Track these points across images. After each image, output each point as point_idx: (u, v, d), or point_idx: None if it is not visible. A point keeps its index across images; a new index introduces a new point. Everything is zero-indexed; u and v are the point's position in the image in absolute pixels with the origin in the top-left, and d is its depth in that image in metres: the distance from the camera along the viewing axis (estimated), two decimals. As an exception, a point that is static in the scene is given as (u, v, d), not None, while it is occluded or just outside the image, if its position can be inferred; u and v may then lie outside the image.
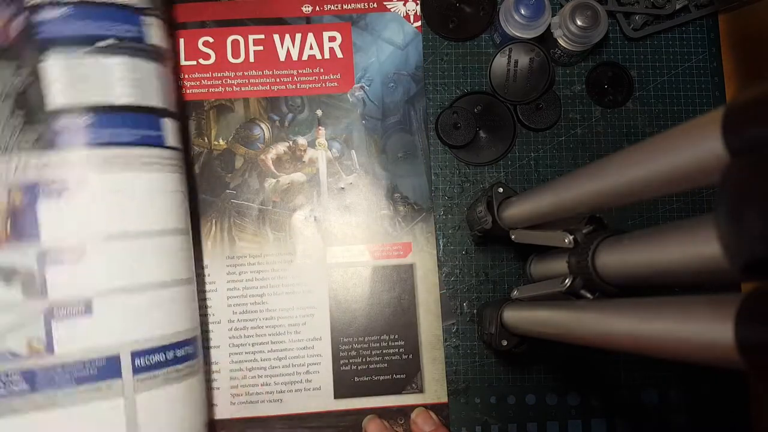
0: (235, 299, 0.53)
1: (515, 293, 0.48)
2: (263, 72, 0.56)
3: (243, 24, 0.56)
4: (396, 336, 0.53)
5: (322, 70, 0.56)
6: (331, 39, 0.56)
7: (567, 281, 0.38)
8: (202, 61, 0.55)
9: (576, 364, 0.54)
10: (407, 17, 0.56)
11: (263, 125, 0.55)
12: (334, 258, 0.54)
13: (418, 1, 0.57)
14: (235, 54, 0.56)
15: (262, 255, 0.53)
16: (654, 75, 0.57)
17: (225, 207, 0.54)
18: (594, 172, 0.33)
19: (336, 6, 0.57)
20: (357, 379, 0.52)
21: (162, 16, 0.45)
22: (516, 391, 0.53)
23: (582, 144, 0.56)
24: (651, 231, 0.30)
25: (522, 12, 0.52)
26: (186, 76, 0.55)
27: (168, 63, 0.46)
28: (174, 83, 0.47)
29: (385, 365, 0.53)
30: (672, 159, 0.26)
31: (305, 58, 0.56)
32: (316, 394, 0.52)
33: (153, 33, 0.44)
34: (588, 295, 0.38)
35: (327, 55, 0.56)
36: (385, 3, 0.56)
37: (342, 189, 0.55)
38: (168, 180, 0.44)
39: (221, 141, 0.55)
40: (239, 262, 0.53)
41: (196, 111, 0.55)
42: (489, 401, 0.53)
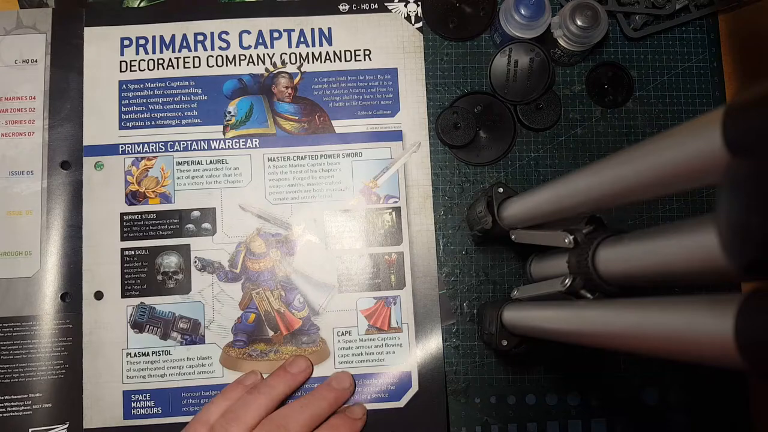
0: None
1: (515, 293, 0.48)
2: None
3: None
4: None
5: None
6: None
7: (567, 281, 0.38)
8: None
9: (576, 364, 0.54)
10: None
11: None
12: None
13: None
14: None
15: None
16: (654, 75, 0.57)
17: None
18: (594, 172, 0.33)
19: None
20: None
21: None
22: (516, 391, 0.53)
23: (582, 144, 0.56)
24: (651, 231, 0.30)
25: (522, 12, 0.52)
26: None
27: None
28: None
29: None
30: (672, 159, 0.26)
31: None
32: None
33: None
34: (588, 295, 0.38)
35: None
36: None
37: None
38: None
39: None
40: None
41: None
42: (489, 401, 0.53)
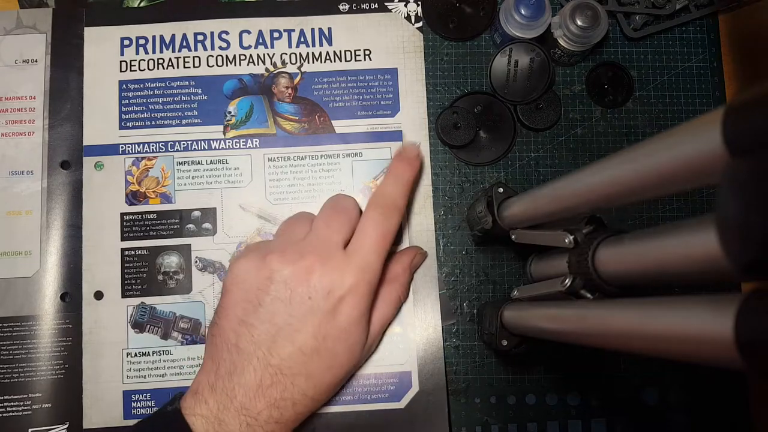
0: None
1: (515, 293, 0.48)
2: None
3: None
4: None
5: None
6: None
7: (567, 281, 0.38)
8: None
9: (576, 364, 0.54)
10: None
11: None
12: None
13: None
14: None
15: None
16: (654, 75, 0.57)
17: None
18: (594, 172, 0.33)
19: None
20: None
21: None
22: (516, 391, 0.53)
23: (582, 144, 0.56)
24: (651, 231, 0.30)
25: (522, 12, 0.52)
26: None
27: None
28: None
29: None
30: (672, 159, 0.26)
31: None
32: None
33: None
34: (588, 295, 0.38)
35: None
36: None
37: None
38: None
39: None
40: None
41: (196, 112, 0.55)
42: (489, 401, 0.53)
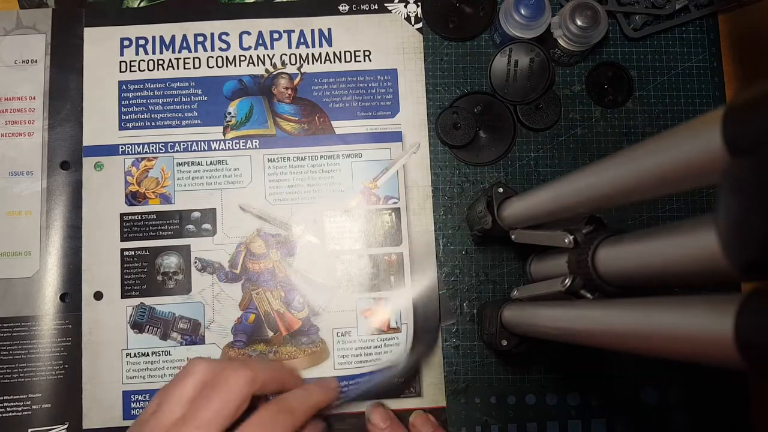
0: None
1: (515, 293, 0.48)
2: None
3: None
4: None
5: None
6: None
7: (567, 281, 0.38)
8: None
9: (576, 364, 0.54)
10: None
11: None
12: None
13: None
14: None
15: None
16: (654, 75, 0.57)
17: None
18: (594, 172, 0.33)
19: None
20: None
21: None
22: (516, 391, 0.53)
23: (582, 144, 0.56)
24: (651, 231, 0.30)
25: (522, 12, 0.52)
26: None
27: None
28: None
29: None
30: (672, 159, 0.26)
31: None
32: None
33: None
34: (588, 295, 0.37)
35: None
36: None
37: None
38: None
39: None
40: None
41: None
42: (489, 401, 0.53)
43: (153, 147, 0.54)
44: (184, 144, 0.54)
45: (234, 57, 0.56)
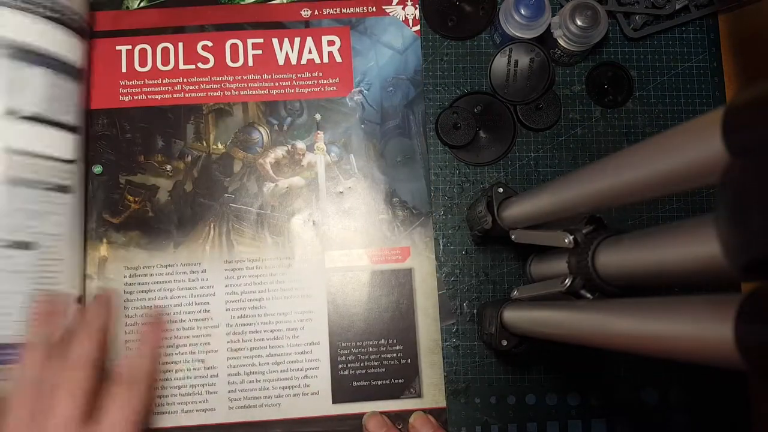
0: (234, 303, 0.53)
1: (515, 293, 0.48)
2: (262, 76, 0.56)
3: (242, 28, 0.56)
4: (394, 340, 0.53)
5: (320, 74, 0.56)
6: (330, 43, 0.56)
7: (567, 281, 0.38)
8: (200, 65, 0.55)
9: (576, 364, 0.54)
10: (406, 21, 0.56)
11: (262, 129, 0.55)
12: (332, 262, 0.54)
13: (416, 6, 0.57)
14: (234, 58, 0.56)
15: (260, 259, 0.53)
16: (654, 75, 0.57)
17: (223, 211, 0.54)
18: (594, 172, 0.33)
19: (335, 10, 0.57)
20: (355, 384, 0.52)
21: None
22: (516, 391, 0.53)
23: (582, 144, 0.56)
24: (651, 231, 0.30)
25: (522, 12, 0.52)
26: (184, 80, 0.55)
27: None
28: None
29: (384, 370, 0.52)
30: (672, 159, 0.26)
31: (304, 62, 0.56)
32: (314, 398, 0.52)
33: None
34: (588, 295, 0.38)
35: (326, 60, 0.56)
36: (384, 7, 0.56)
37: (341, 193, 0.55)
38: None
39: (219, 145, 0.55)
40: (238, 266, 0.53)
41: (194, 115, 0.55)
42: (489, 401, 0.53)
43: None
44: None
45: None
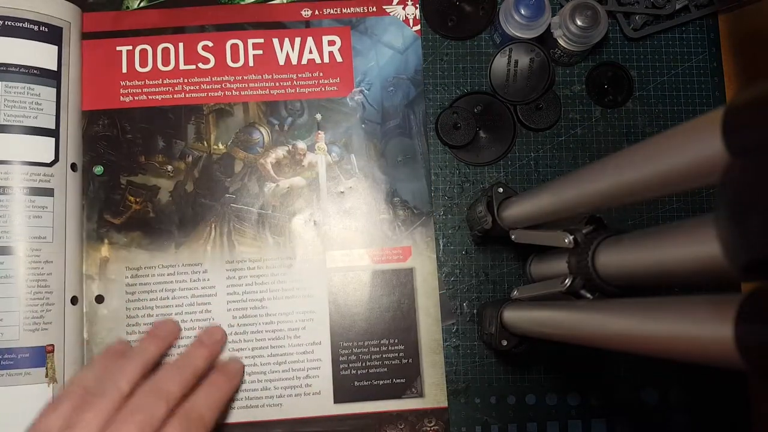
0: (235, 304, 0.52)
1: (515, 293, 0.48)
2: (262, 76, 0.56)
3: (242, 28, 0.56)
4: (396, 340, 0.53)
5: (321, 74, 0.56)
6: (331, 43, 0.56)
7: (567, 281, 0.38)
8: (201, 66, 0.55)
9: (576, 364, 0.54)
10: (406, 21, 0.56)
11: (262, 129, 0.55)
12: (333, 262, 0.54)
13: (417, 6, 0.57)
14: (235, 58, 0.56)
15: (261, 259, 0.53)
16: (654, 75, 0.57)
17: (224, 211, 0.54)
18: (594, 172, 0.33)
19: (335, 10, 0.57)
20: (357, 384, 0.52)
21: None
22: (516, 391, 0.53)
23: (582, 144, 0.56)
24: (651, 231, 0.30)
25: (522, 12, 0.52)
26: (185, 80, 0.55)
27: None
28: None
29: (385, 370, 0.52)
30: (672, 159, 0.26)
31: (304, 62, 0.56)
32: (315, 398, 0.52)
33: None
34: (588, 295, 0.38)
35: (326, 59, 0.56)
36: (384, 7, 0.57)
37: (341, 193, 0.55)
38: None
39: (220, 145, 0.55)
40: (239, 266, 0.53)
41: (195, 115, 0.55)
42: (489, 401, 0.53)
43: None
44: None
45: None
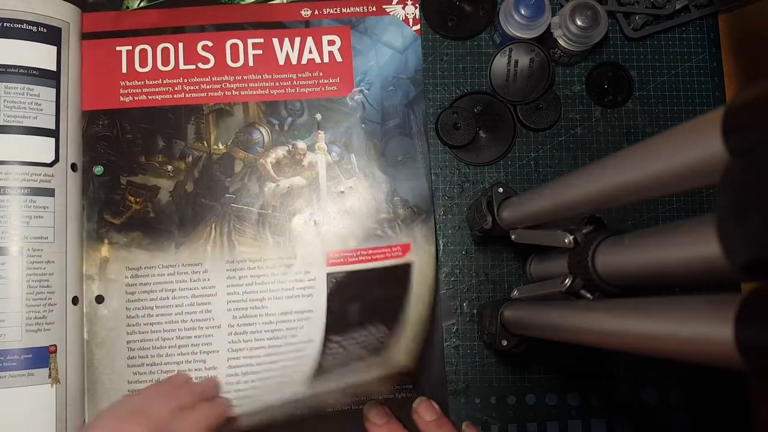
0: (235, 304, 0.52)
1: (515, 293, 0.48)
2: (262, 76, 0.56)
3: (242, 28, 0.56)
4: (396, 339, 0.53)
5: (321, 73, 0.56)
6: (331, 43, 0.56)
7: (567, 281, 0.38)
8: (201, 65, 0.55)
9: (576, 364, 0.54)
10: (406, 21, 0.56)
11: (262, 129, 0.55)
12: (333, 262, 0.54)
13: (417, 5, 0.57)
14: (234, 58, 0.56)
15: (261, 259, 0.53)
16: (654, 75, 0.57)
17: (224, 211, 0.54)
18: (594, 172, 0.33)
19: (335, 10, 0.57)
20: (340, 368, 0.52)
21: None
22: (516, 391, 0.53)
23: (582, 144, 0.56)
24: (651, 231, 0.30)
25: (522, 12, 0.52)
26: (185, 80, 0.55)
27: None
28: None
29: (366, 352, 0.52)
30: (672, 159, 0.26)
31: (304, 62, 0.56)
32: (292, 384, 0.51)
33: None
34: (588, 295, 0.38)
35: (326, 59, 0.56)
36: (384, 6, 0.56)
37: (342, 193, 0.55)
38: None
39: (221, 145, 0.55)
40: (239, 266, 0.53)
41: (195, 115, 0.55)
42: (489, 401, 0.53)
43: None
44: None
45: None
